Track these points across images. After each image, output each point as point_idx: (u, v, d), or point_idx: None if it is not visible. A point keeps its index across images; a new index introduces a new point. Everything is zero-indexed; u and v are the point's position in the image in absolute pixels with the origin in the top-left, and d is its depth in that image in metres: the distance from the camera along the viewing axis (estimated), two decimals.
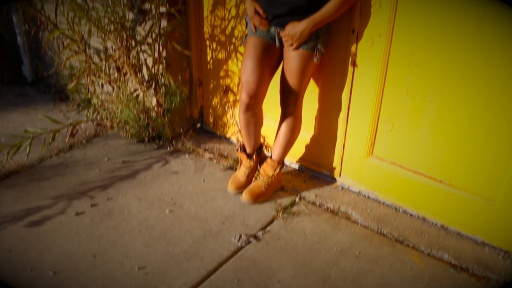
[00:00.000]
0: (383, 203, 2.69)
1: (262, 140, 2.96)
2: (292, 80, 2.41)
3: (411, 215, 2.61)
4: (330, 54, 2.52)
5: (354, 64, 2.47)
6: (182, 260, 2.26)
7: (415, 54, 2.28)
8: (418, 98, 2.36)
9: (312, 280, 2.17)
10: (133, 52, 3.01)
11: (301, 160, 2.97)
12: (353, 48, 2.45)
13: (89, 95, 3.34)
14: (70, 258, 2.26)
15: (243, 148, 2.75)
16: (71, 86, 3.14)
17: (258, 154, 2.76)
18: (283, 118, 2.58)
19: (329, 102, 2.67)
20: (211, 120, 3.35)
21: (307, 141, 2.87)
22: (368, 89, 2.48)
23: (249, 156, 2.74)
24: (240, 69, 2.51)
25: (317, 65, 2.43)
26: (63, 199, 2.68)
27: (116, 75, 3.10)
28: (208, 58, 3.15)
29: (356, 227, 2.52)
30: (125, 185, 2.81)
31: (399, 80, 2.38)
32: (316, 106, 2.73)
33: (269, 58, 2.43)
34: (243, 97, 2.46)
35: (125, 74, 3.03)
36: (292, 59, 2.36)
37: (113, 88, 3.14)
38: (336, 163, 2.81)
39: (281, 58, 2.47)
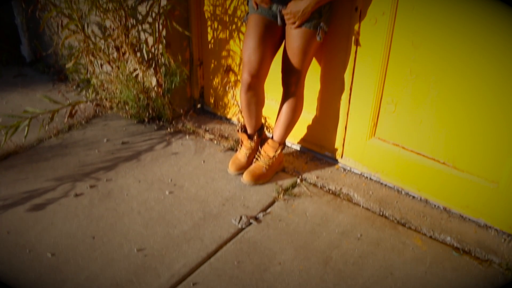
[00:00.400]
0: (385, 185, 2.65)
1: (263, 120, 2.92)
2: (294, 59, 2.35)
3: (413, 197, 2.57)
4: (332, 33, 2.45)
5: (357, 43, 2.41)
6: (181, 242, 2.23)
7: (419, 33, 2.22)
8: (422, 78, 2.30)
9: (313, 262, 2.14)
10: (133, 31, 2.94)
11: (302, 141, 2.93)
12: (356, 27, 2.38)
13: (88, 75, 3.29)
14: (69, 239, 2.23)
15: (244, 129, 2.70)
16: (69, 65, 3.08)
17: (259, 134, 2.72)
18: (284, 98, 2.53)
19: (331, 82, 2.61)
20: (212, 101, 3.30)
21: (309, 121, 2.82)
22: (371, 69, 2.42)
23: (250, 137, 2.70)
24: (242, 48, 2.46)
25: (320, 44, 2.37)
26: (62, 180, 2.64)
27: (115, 54, 3.04)
28: (209, 38, 3.08)
29: (358, 209, 2.49)
30: (124, 166, 2.77)
31: (403, 60, 2.32)
32: (318, 86, 2.67)
33: (271, 36, 2.37)
34: (244, 76, 2.41)
35: (124, 54, 2.97)
36: (294, 37, 2.30)
37: (112, 68, 3.08)
38: (338, 144, 2.76)
39: (283, 36, 2.40)
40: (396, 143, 2.53)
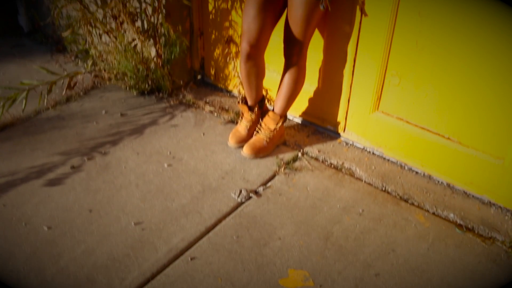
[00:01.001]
0: (388, 160, 2.59)
1: (264, 92, 2.85)
2: (296, 29, 2.26)
3: (416, 172, 2.51)
4: (336, 2, 2.35)
5: (361, 13, 2.32)
6: (180, 216, 2.19)
7: (426, 4, 2.12)
8: (428, 50, 2.21)
9: (313, 237, 2.09)
10: (131, 0, 2.84)
11: (304, 114, 2.86)
12: None
13: (87, 45, 3.20)
14: (66, 212, 2.19)
15: (244, 100, 2.63)
16: (65, 34, 2.98)
17: (260, 106, 2.65)
18: (286, 69, 2.45)
19: (335, 53, 2.52)
20: (213, 72, 3.22)
21: (311, 94, 2.75)
22: (376, 40, 2.33)
23: (251, 109, 2.63)
24: (242, 17, 2.36)
25: (323, 13, 2.27)
26: (59, 152, 2.58)
27: (113, 24, 2.94)
28: (210, 8, 2.98)
29: (360, 184, 2.43)
30: (123, 139, 2.71)
31: (409, 31, 2.23)
32: (320, 57, 2.59)
33: (272, 5, 2.27)
34: (243, 45, 2.33)
35: (122, 23, 2.87)
36: (296, 6, 2.20)
37: (110, 37, 2.98)
38: (340, 117, 2.69)
39: (285, 5, 2.30)
40: (400, 117, 2.46)
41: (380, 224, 2.18)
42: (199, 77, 3.31)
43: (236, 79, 3.08)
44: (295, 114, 2.90)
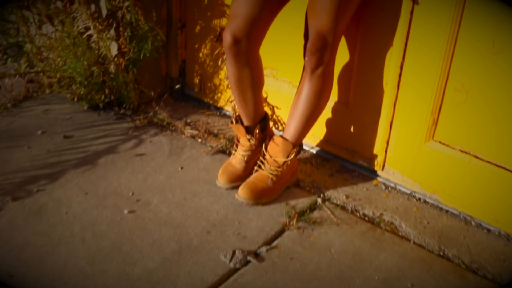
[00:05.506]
0: (447, 211, 2.51)
1: (269, 111, 2.79)
2: (323, 18, 2.15)
3: (488, 230, 2.42)
4: None
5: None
6: (144, 287, 2.05)
7: None
8: (508, 54, 2.12)
9: None
10: None
11: (325, 143, 2.80)
12: None
13: (20, 37, 3.14)
14: None
15: (239, 120, 2.57)
16: None
17: (263, 129, 2.58)
18: (306, 76, 2.35)
19: (373, 56, 2.46)
20: (197, 81, 3.20)
21: (337, 115, 2.69)
22: (434, 38, 2.26)
23: (249, 131, 2.56)
24: None
25: None
26: None
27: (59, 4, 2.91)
28: None
29: (407, 245, 2.33)
30: (65, 171, 2.64)
31: (482, 25, 2.15)
32: (352, 62, 2.53)
33: None
34: (226, 37, 2.28)
35: (71, 3, 2.81)
36: None
37: (53, 25, 2.95)
38: (378, 149, 2.62)
39: None
40: (465, 149, 2.39)
41: None
42: (177, 87, 3.31)
43: (229, 91, 3.02)
44: (312, 143, 2.85)
